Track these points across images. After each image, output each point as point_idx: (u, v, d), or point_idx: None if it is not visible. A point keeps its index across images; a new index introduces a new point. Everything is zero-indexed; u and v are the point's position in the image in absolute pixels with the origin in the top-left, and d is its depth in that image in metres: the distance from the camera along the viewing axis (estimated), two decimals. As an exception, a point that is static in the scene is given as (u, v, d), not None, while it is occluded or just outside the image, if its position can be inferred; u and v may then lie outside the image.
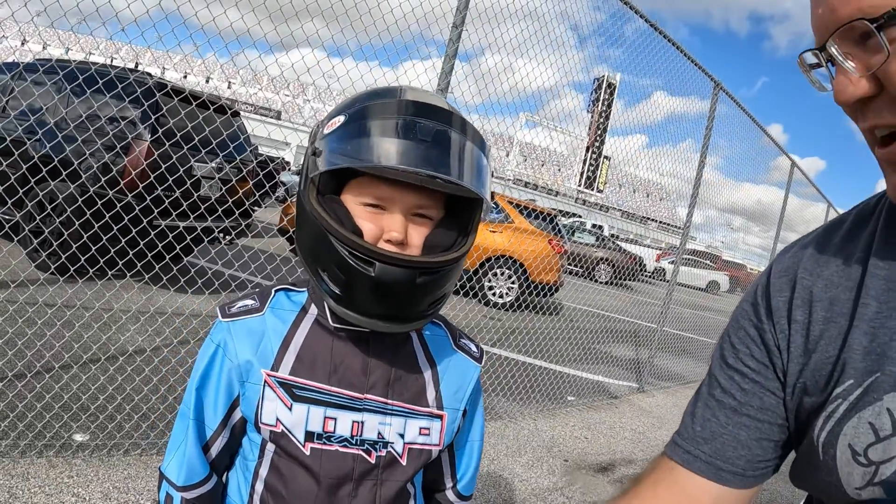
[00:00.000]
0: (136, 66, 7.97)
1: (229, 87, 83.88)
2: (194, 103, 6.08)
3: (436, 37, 4.84)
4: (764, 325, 1.15)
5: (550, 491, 4.86)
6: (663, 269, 26.34)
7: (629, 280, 21.72)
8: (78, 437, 3.96)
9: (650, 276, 26.20)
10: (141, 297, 6.79)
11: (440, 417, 1.43)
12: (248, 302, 1.41)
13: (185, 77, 77.89)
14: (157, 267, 4.91)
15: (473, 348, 1.57)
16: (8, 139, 4.74)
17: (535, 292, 11.14)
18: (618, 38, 7.16)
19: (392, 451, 1.36)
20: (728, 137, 9.83)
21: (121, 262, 4.76)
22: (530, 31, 5.76)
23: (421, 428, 1.40)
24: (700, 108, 8.77)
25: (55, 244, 6.81)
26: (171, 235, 5.57)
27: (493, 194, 1.38)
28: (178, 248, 5.45)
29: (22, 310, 4.62)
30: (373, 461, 1.34)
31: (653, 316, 11.48)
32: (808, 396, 1.07)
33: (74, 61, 6.92)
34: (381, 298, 1.20)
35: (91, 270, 4.71)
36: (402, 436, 1.37)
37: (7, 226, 4.71)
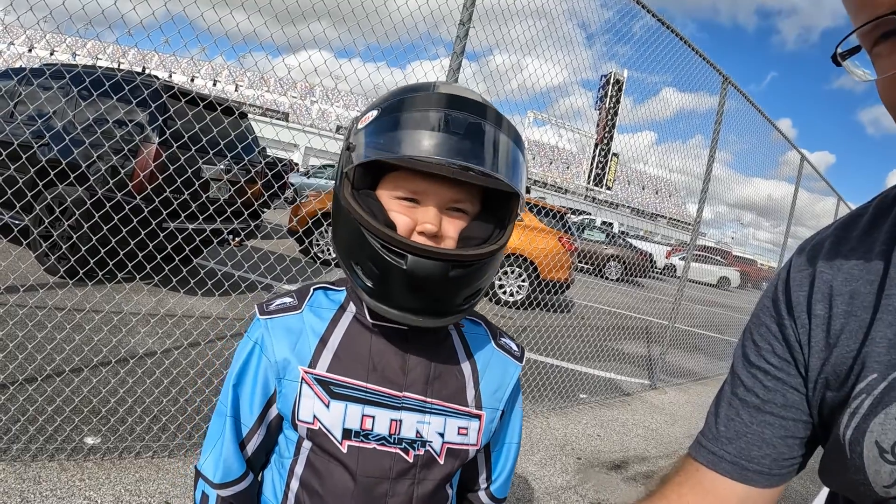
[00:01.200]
0: (143, 70, 7.95)
1: (236, 90, 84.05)
2: (201, 104, 6.08)
3: (442, 35, 4.83)
4: (784, 321, 1.13)
5: (564, 489, 4.83)
6: (673, 266, 26.26)
7: (639, 277, 21.69)
8: (89, 441, 3.95)
9: (660, 273, 26.14)
10: (151, 300, 6.80)
11: (478, 417, 1.41)
12: (287, 300, 1.41)
13: (193, 80, 78.01)
14: (166, 269, 4.90)
15: (514, 347, 1.55)
16: (16, 143, 4.72)
17: (545, 290, 11.11)
18: (626, 35, 7.12)
19: (430, 449, 1.35)
20: (737, 133, 9.80)
21: (130, 265, 4.75)
22: (537, 28, 5.73)
23: (459, 427, 1.38)
24: (709, 103, 8.74)
25: (64, 248, 6.81)
26: (180, 237, 5.57)
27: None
28: (187, 250, 5.45)
29: (32, 314, 4.62)
30: (410, 460, 1.33)
31: (664, 312, 11.44)
32: (830, 391, 1.05)
33: (81, 65, 6.92)
34: (414, 292, 1.19)
35: (101, 273, 4.70)
36: (441, 435, 1.35)
37: (16, 229, 4.71)
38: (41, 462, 3.63)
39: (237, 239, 8.17)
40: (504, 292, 12.25)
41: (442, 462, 1.36)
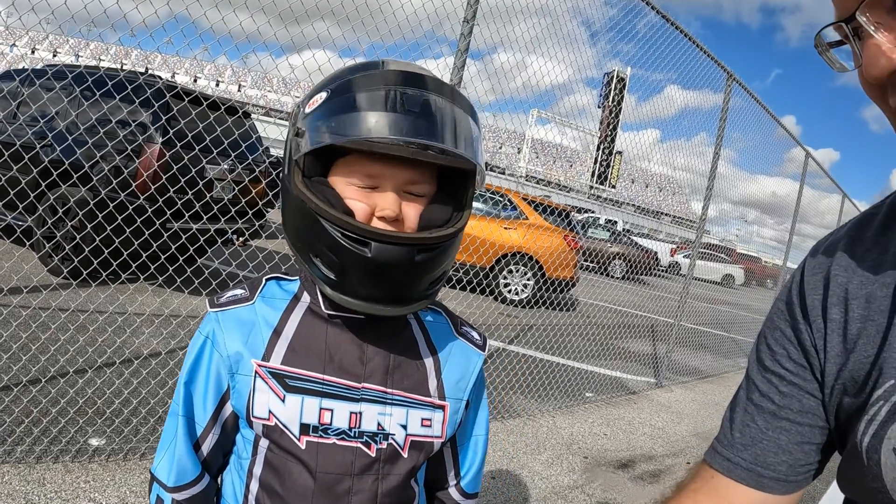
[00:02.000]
0: (146, 70, 7.95)
1: (239, 90, 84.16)
2: (205, 104, 6.06)
3: (446, 33, 4.81)
4: (800, 325, 1.11)
5: (571, 489, 4.81)
6: (678, 264, 26.26)
7: (644, 275, 21.67)
8: (94, 442, 3.94)
9: (665, 271, 26.14)
10: (155, 300, 6.79)
11: (442, 408, 1.37)
12: (238, 292, 1.36)
13: (195, 80, 78.15)
14: (170, 270, 4.89)
15: (476, 336, 1.51)
16: (18, 144, 4.71)
17: (550, 288, 11.10)
18: (629, 33, 7.10)
19: (393, 442, 1.30)
20: (742, 130, 9.78)
21: (134, 265, 4.74)
22: (541, 25, 5.72)
23: (423, 419, 1.34)
24: (713, 101, 8.72)
25: (68, 248, 6.80)
26: (184, 237, 5.55)
27: (506, 191, 1.33)
28: (191, 249, 5.43)
29: (36, 315, 4.61)
30: (373, 454, 1.28)
31: (668, 310, 11.42)
32: (848, 397, 1.03)
33: (84, 65, 6.91)
34: (379, 280, 1.16)
35: (104, 274, 4.68)
36: (404, 427, 1.31)
37: (19, 231, 4.69)
38: (45, 464, 3.62)
39: (241, 239, 8.16)
40: (509, 291, 12.23)
41: (406, 455, 1.31)
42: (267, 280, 1.39)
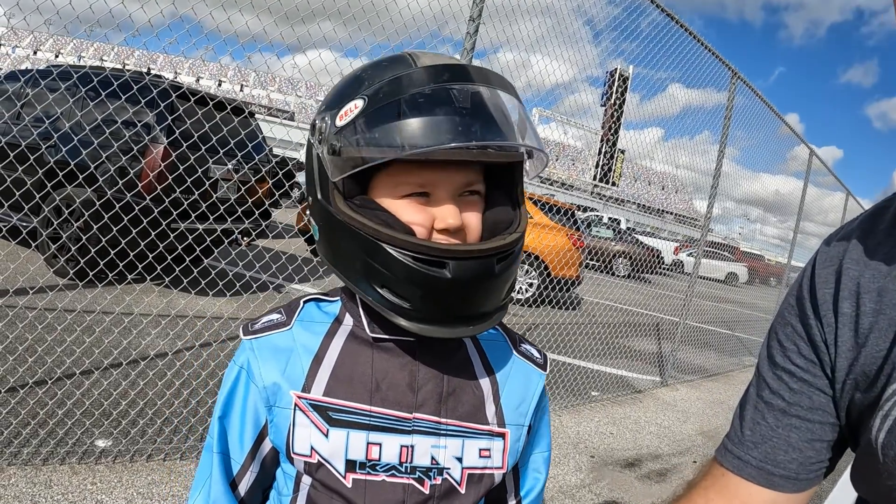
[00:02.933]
0: (149, 70, 7.95)
1: (241, 90, 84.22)
2: (210, 104, 6.05)
3: (451, 33, 4.79)
4: (810, 320, 1.10)
5: (578, 488, 4.80)
6: (681, 262, 26.23)
7: (648, 273, 21.65)
8: (100, 443, 3.93)
9: (668, 269, 26.10)
10: (161, 301, 6.78)
11: (502, 436, 1.24)
12: (274, 316, 1.25)
13: (198, 81, 78.21)
14: (177, 270, 4.88)
15: (536, 354, 1.38)
16: (23, 144, 4.71)
17: (555, 287, 11.08)
18: (633, 31, 7.08)
19: (448, 477, 1.17)
20: (745, 128, 9.76)
21: (140, 266, 4.73)
22: (547, 24, 5.71)
23: (481, 449, 1.21)
24: (717, 99, 8.71)
25: (73, 249, 6.80)
26: (190, 238, 5.55)
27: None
28: (198, 250, 5.42)
29: (41, 316, 4.61)
30: (427, 491, 1.15)
31: (673, 309, 11.41)
32: (860, 393, 1.02)
33: (88, 65, 6.90)
34: (460, 300, 1.05)
35: (110, 275, 4.68)
36: (459, 460, 1.18)
37: (25, 232, 4.69)
38: (52, 466, 3.61)
39: (247, 239, 8.16)
40: (514, 289, 12.19)
41: (463, 491, 1.19)
42: (305, 302, 1.28)
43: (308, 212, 1.24)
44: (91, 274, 4.54)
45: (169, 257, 4.87)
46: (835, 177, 14.77)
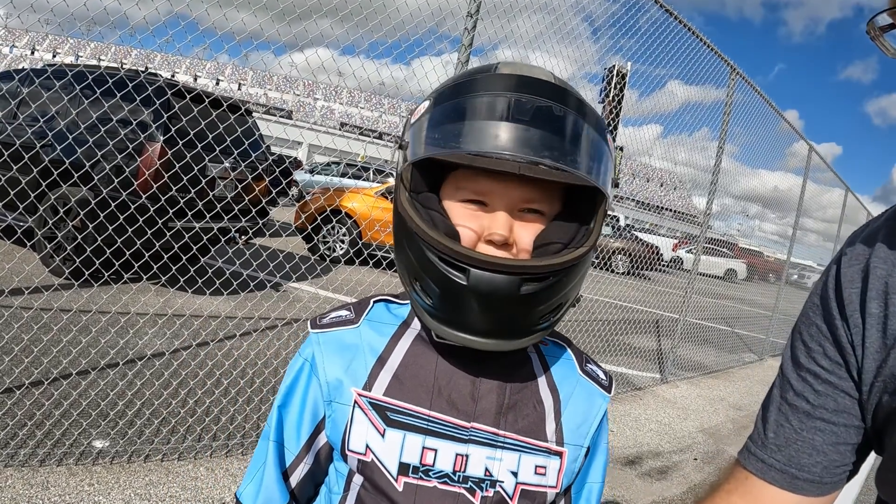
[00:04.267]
0: (146, 69, 7.93)
1: (239, 89, 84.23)
2: (206, 101, 6.02)
3: (450, 29, 4.77)
4: (836, 321, 1.07)
5: (579, 487, 4.78)
6: (680, 259, 26.23)
7: (647, 270, 21.65)
8: (97, 444, 3.91)
9: (667, 266, 26.11)
10: (158, 300, 6.76)
11: (560, 455, 1.21)
12: (343, 313, 1.26)
13: (196, 80, 78.20)
14: (174, 269, 4.86)
15: (602, 375, 1.35)
16: (18, 143, 4.67)
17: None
18: (632, 28, 7.06)
19: (501, 490, 1.14)
20: (745, 125, 9.76)
21: (137, 265, 4.70)
22: (545, 22, 5.69)
23: (537, 466, 1.18)
24: (716, 96, 8.70)
25: (69, 248, 6.76)
26: (187, 236, 5.52)
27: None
28: (194, 249, 5.40)
29: (37, 316, 4.58)
30: (477, 502, 1.13)
31: (672, 305, 11.40)
32: (888, 395, 0.99)
33: (83, 64, 6.87)
34: (480, 311, 1.01)
35: (107, 274, 4.66)
36: (514, 474, 1.16)
37: (20, 231, 4.66)
38: (49, 467, 3.59)
39: (245, 237, 8.13)
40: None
41: None
42: (375, 302, 1.28)
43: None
44: (87, 273, 4.53)
45: (166, 256, 4.84)
46: (834, 173, 14.79)
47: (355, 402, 1.15)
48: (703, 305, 12.26)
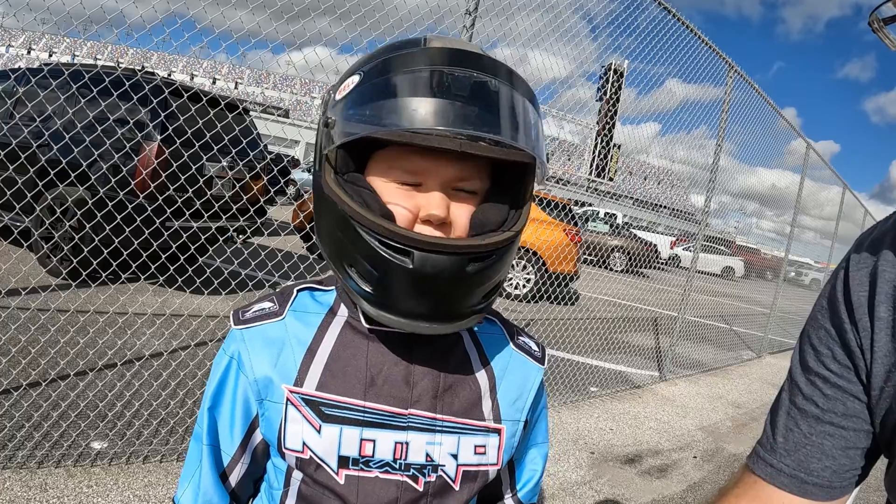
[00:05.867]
0: (142, 67, 7.90)
1: (236, 87, 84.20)
2: (204, 100, 6.01)
3: (448, 28, 4.76)
4: (844, 324, 1.06)
5: (578, 485, 4.78)
6: (678, 256, 26.28)
7: (644, 268, 21.68)
8: (96, 445, 3.90)
9: (665, 264, 26.15)
10: (156, 300, 6.75)
11: (498, 432, 1.21)
12: (266, 305, 1.22)
13: (192, 79, 78.19)
14: (171, 269, 4.84)
15: (535, 347, 1.34)
16: (14, 143, 4.66)
17: (552, 283, 11.08)
18: (630, 26, 7.05)
19: (443, 474, 1.15)
20: (742, 122, 9.76)
21: (134, 265, 4.69)
22: (543, 20, 5.68)
23: (476, 446, 1.18)
24: (713, 94, 8.70)
25: (66, 249, 6.74)
26: (185, 236, 5.50)
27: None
28: (192, 248, 5.38)
29: (34, 317, 4.57)
30: (420, 488, 1.13)
31: (670, 303, 11.41)
32: None
33: (80, 63, 6.86)
34: (424, 294, 1.00)
35: (104, 274, 4.63)
36: (454, 456, 1.16)
37: (17, 231, 4.65)
38: (47, 469, 3.57)
39: (243, 237, 8.12)
40: (510, 285, 12.18)
41: (457, 488, 1.17)
42: (298, 291, 1.24)
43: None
44: (84, 273, 4.51)
45: (163, 256, 4.83)
46: (832, 170, 14.81)
47: (288, 399, 1.12)
48: (701, 303, 12.27)
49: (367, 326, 1.16)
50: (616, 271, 19.52)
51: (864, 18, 0.88)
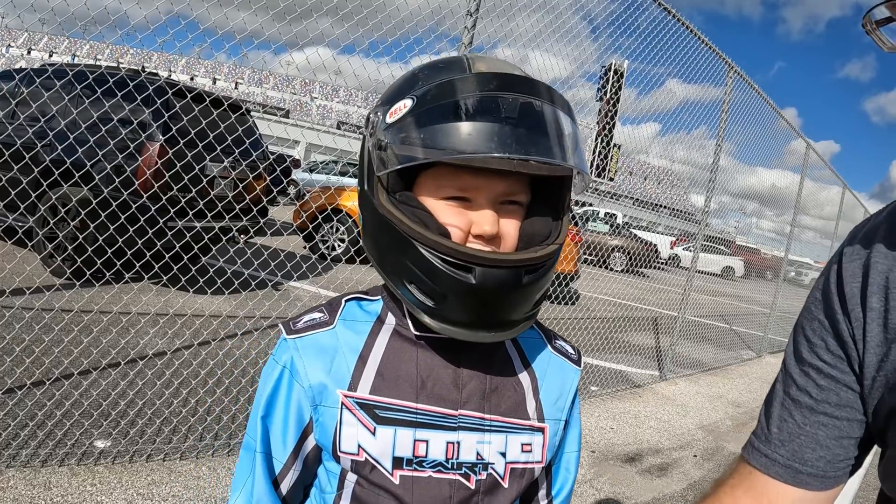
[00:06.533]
0: (144, 68, 7.92)
1: (236, 88, 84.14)
2: (207, 100, 6.02)
3: (449, 28, 4.77)
4: (837, 315, 1.08)
5: (579, 483, 4.79)
6: (678, 256, 26.28)
7: (644, 267, 21.67)
8: (99, 444, 3.91)
9: (665, 263, 26.14)
10: (159, 300, 6.76)
11: (542, 430, 1.26)
12: (316, 315, 1.26)
13: (193, 79, 78.11)
14: (174, 268, 4.86)
15: (570, 350, 1.40)
16: (19, 143, 4.67)
17: (552, 282, 11.09)
18: (630, 26, 7.06)
19: (493, 472, 1.19)
20: (743, 122, 9.76)
21: (137, 265, 4.71)
22: (544, 21, 5.70)
23: (523, 444, 1.23)
24: (713, 94, 8.71)
25: (70, 249, 6.76)
26: (187, 236, 5.52)
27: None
28: (195, 248, 5.40)
29: (38, 316, 4.58)
30: (472, 486, 1.17)
31: (669, 303, 11.42)
32: (892, 391, 0.99)
33: (83, 63, 6.87)
34: (484, 306, 1.06)
35: (107, 274, 4.66)
36: (503, 454, 1.20)
37: (21, 231, 4.67)
38: (51, 467, 3.59)
39: (245, 237, 8.14)
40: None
41: (506, 485, 1.20)
42: (346, 301, 1.29)
43: (357, 201, 1.24)
44: (88, 273, 4.53)
45: (166, 256, 4.85)
46: (831, 170, 14.81)
47: (342, 403, 1.16)
48: (701, 303, 12.27)
49: (416, 333, 1.21)
50: (616, 271, 19.51)
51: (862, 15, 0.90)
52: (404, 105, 1.06)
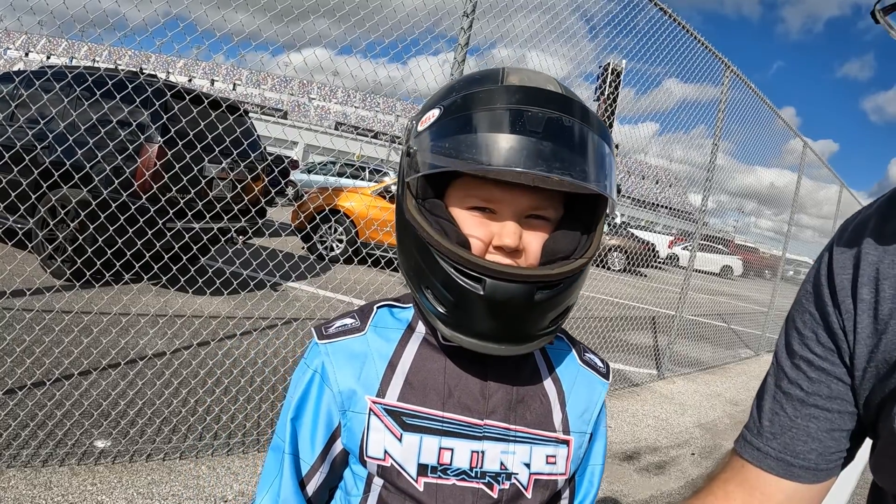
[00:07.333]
0: (141, 70, 7.92)
1: (234, 89, 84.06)
2: (205, 102, 6.04)
3: (446, 29, 4.79)
4: (828, 307, 1.08)
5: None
6: (676, 256, 26.23)
7: (642, 267, 21.64)
8: (99, 444, 3.92)
9: (663, 263, 26.09)
10: (158, 301, 6.77)
11: (567, 443, 1.26)
12: (347, 321, 1.27)
13: (190, 81, 78.00)
14: (173, 269, 4.87)
15: (599, 363, 1.40)
16: (19, 145, 4.69)
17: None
18: (627, 26, 7.07)
19: (517, 482, 1.19)
20: (740, 122, 9.77)
21: (137, 266, 4.72)
22: (540, 21, 5.71)
23: (547, 456, 1.23)
24: (711, 93, 8.72)
25: (69, 250, 6.77)
26: (186, 237, 5.53)
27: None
28: (194, 249, 5.41)
29: (38, 317, 4.59)
30: (495, 496, 1.17)
31: (668, 302, 11.41)
32: (881, 381, 1.00)
33: (82, 66, 6.88)
34: (495, 318, 1.05)
35: (107, 275, 4.67)
36: (527, 465, 1.20)
37: (21, 233, 4.68)
38: (52, 467, 3.61)
39: (244, 237, 8.15)
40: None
41: (529, 496, 1.20)
42: (378, 308, 1.30)
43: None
44: (88, 274, 4.54)
45: (165, 257, 4.86)
46: (829, 169, 14.81)
47: (371, 409, 1.17)
48: (699, 302, 12.27)
49: (445, 343, 1.22)
50: (614, 271, 19.48)
51: (864, 18, 0.92)
52: (433, 114, 1.08)
